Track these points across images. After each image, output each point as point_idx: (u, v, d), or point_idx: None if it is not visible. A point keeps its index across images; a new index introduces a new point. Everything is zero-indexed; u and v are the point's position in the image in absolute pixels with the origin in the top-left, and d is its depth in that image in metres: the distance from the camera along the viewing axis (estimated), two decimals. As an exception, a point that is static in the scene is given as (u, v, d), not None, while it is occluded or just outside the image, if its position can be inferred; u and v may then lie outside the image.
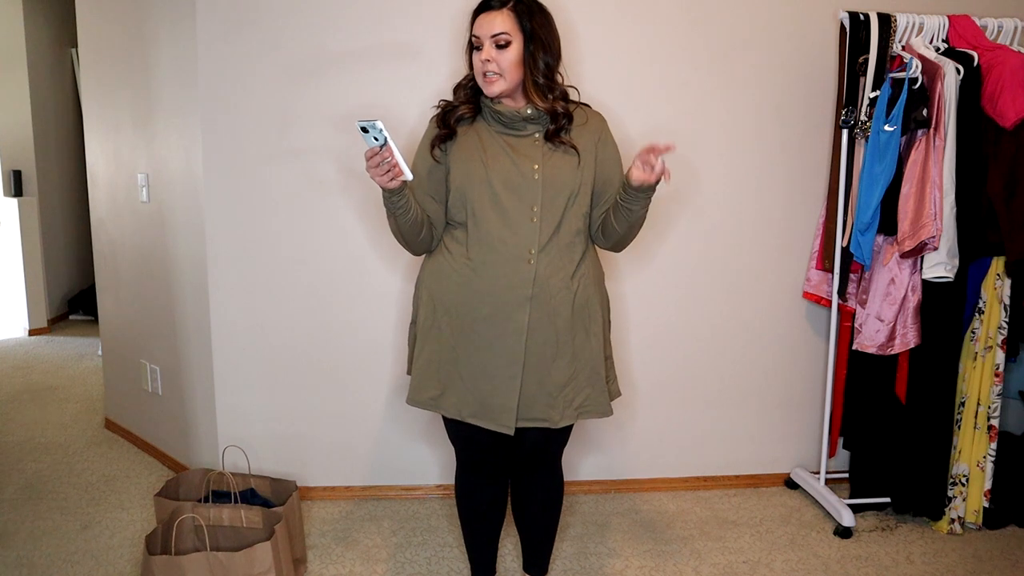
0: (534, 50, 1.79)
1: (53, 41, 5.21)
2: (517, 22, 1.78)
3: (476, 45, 1.80)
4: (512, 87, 1.81)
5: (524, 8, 1.79)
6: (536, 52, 1.80)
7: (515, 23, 1.77)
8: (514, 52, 1.78)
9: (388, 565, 2.39)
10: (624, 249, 1.97)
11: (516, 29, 1.78)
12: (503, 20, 1.77)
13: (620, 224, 1.85)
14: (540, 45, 1.80)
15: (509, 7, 1.78)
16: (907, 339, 2.52)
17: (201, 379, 2.80)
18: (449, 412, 1.90)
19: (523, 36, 1.78)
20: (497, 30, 1.76)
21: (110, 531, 2.56)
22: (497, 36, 1.76)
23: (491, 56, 1.77)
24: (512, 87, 1.81)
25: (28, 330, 5.03)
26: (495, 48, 1.77)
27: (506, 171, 1.82)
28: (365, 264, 2.69)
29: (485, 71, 1.79)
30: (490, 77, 1.79)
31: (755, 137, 2.77)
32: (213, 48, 2.55)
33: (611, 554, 2.47)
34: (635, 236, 1.92)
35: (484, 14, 1.79)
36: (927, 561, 2.46)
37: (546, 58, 1.81)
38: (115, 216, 3.23)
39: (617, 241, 1.91)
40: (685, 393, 2.89)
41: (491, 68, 1.78)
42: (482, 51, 1.79)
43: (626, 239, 1.91)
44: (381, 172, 1.70)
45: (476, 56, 1.81)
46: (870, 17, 2.50)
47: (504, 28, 1.76)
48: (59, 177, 5.31)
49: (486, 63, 1.78)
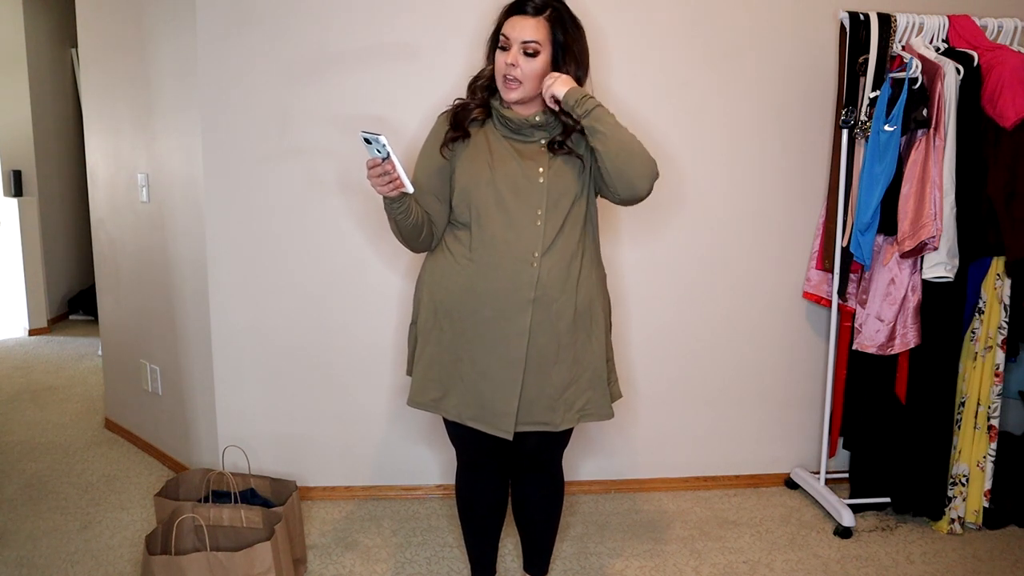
0: (565, 63, 1.77)
1: (53, 41, 5.20)
2: (550, 33, 1.75)
3: (503, 45, 1.77)
4: (530, 96, 1.80)
5: (559, 19, 1.76)
6: (567, 66, 1.77)
7: (548, 34, 1.75)
8: (540, 63, 1.75)
9: (388, 565, 2.39)
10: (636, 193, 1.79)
11: (548, 40, 1.75)
12: (536, 28, 1.74)
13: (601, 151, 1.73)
14: (572, 58, 1.78)
15: (545, 16, 1.75)
16: (907, 339, 2.52)
17: (201, 379, 2.80)
18: (450, 414, 1.90)
19: (552, 47, 1.76)
20: (528, 37, 1.74)
21: (110, 531, 2.56)
22: (527, 43, 1.74)
23: (517, 62, 1.75)
24: (530, 96, 1.80)
25: (28, 330, 5.02)
26: (523, 55, 1.75)
27: (512, 174, 1.81)
28: (365, 264, 2.69)
29: (507, 75, 1.76)
30: (510, 83, 1.77)
31: (755, 137, 2.77)
32: (213, 48, 2.55)
33: (611, 554, 2.47)
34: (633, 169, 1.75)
35: (518, 16, 1.76)
36: (927, 561, 2.46)
37: (578, 72, 1.79)
38: (115, 216, 3.23)
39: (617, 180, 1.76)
40: (685, 393, 2.89)
41: (514, 74, 1.75)
42: (508, 52, 1.76)
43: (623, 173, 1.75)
44: (382, 183, 1.71)
45: (501, 55, 1.78)
46: (870, 17, 2.50)
47: (536, 37, 1.74)
48: (59, 177, 5.31)
49: (510, 67, 1.75)
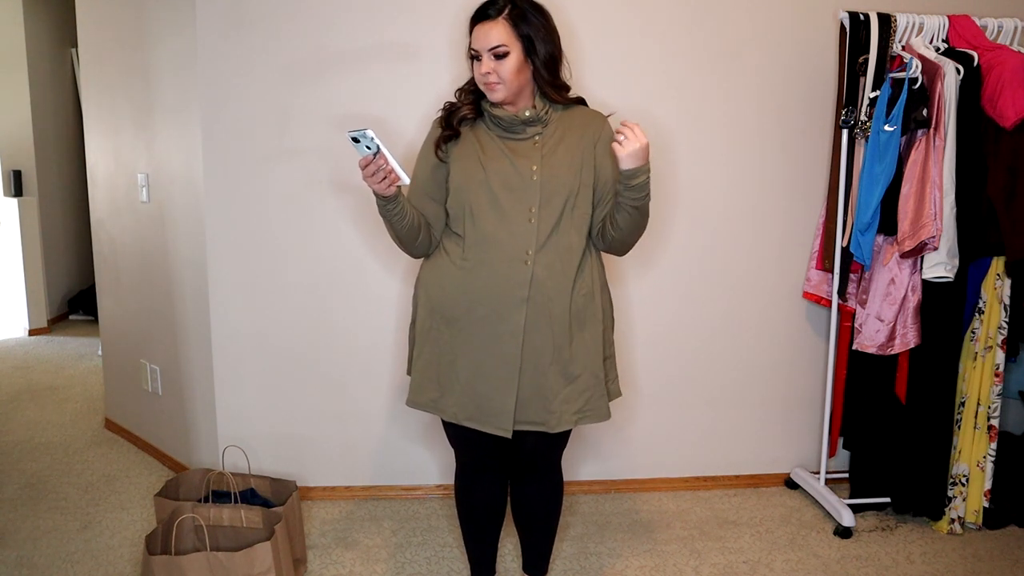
0: (536, 54, 1.79)
1: (53, 41, 5.21)
2: (514, 30, 1.77)
3: (475, 56, 1.80)
4: (514, 92, 1.81)
5: (519, 14, 1.78)
6: (537, 55, 1.80)
7: (512, 32, 1.77)
8: (513, 61, 1.78)
9: (388, 565, 2.39)
10: (626, 253, 1.95)
11: (513, 38, 1.77)
12: (499, 31, 1.76)
13: (623, 220, 1.82)
14: (541, 46, 1.80)
15: (504, 16, 1.77)
16: (907, 339, 2.52)
17: (201, 379, 2.80)
18: (447, 415, 1.90)
19: (521, 42, 1.78)
20: (493, 43, 1.76)
21: (110, 531, 2.56)
22: (495, 49, 1.76)
23: (490, 68, 1.77)
24: (514, 92, 1.81)
25: (28, 330, 5.03)
26: (494, 59, 1.77)
27: (504, 172, 1.82)
28: (365, 264, 2.69)
29: (485, 81, 1.79)
30: (492, 86, 1.79)
31: (755, 137, 2.77)
32: (213, 48, 2.55)
33: (611, 554, 2.47)
34: (636, 239, 1.90)
35: (480, 24, 1.79)
36: (927, 561, 2.46)
37: (548, 57, 1.81)
38: (115, 216, 3.23)
39: (617, 241, 1.89)
40: (685, 393, 2.89)
41: (491, 79, 1.78)
42: (481, 63, 1.79)
43: (628, 240, 1.89)
44: (378, 180, 1.72)
45: (476, 66, 1.81)
46: (870, 17, 2.50)
47: (500, 40, 1.76)
48: (59, 177, 5.31)
49: (486, 75, 1.78)
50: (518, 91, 1.82)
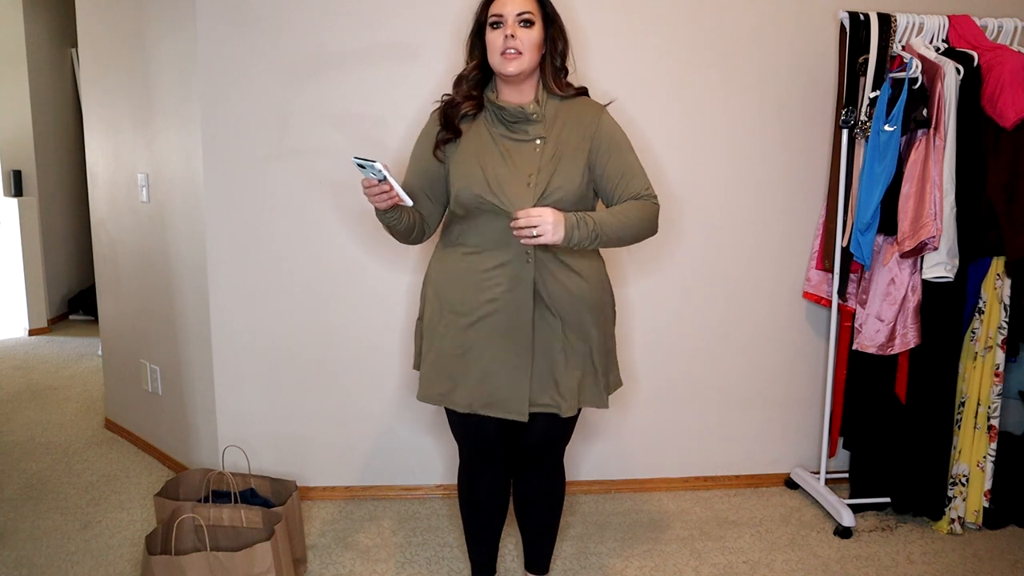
0: (554, 34, 1.85)
1: (53, 41, 5.20)
2: (539, 5, 1.83)
3: (496, 23, 1.81)
4: (529, 68, 1.83)
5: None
6: (556, 36, 1.86)
7: (537, 5, 1.83)
8: (537, 32, 1.82)
9: (388, 565, 2.39)
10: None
11: (539, 12, 1.83)
12: (526, 1, 1.81)
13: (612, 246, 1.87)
14: (559, 31, 1.86)
15: None
16: (907, 339, 2.52)
17: (201, 379, 2.80)
18: (459, 407, 1.91)
19: (543, 21, 1.84)
20: (522, 8, 1.80)
21: (110, 531, 2.56)
22: (523, 14, 1.80)
23: (516, 32, 1.79)
24: (529, 68, 1.83)
25: (28, 330, 5.02)
26: (520, 25, 1.80)
27: (503, 175, 1.83)
28: (365, 263, 2.69)
29: (506, 48, 1.79)
30: (510, 54, 1.80)
31: (755, 137, 2.77)
32: (213, 47, 2.55)
33: (611, 554, 2.47)
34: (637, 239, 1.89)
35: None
36: (927, 561, 2.46)
37: (562, 42, 1.87)
38: (115, 216, 3.23)
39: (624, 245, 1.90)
40: (685, 393, 2.89)
41: (514, 44, 1.79)
42: (505, 26, 1.80)
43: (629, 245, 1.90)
44: (380, 200, 1.77)
45: (495, 33, 1.81)
46: (870, 17, 2.50)
47: (529, 8, 1.81)
48: (59, 177, 5.31)
49: (509, 39, 1.79)
50: (531, 70, 1.84)
